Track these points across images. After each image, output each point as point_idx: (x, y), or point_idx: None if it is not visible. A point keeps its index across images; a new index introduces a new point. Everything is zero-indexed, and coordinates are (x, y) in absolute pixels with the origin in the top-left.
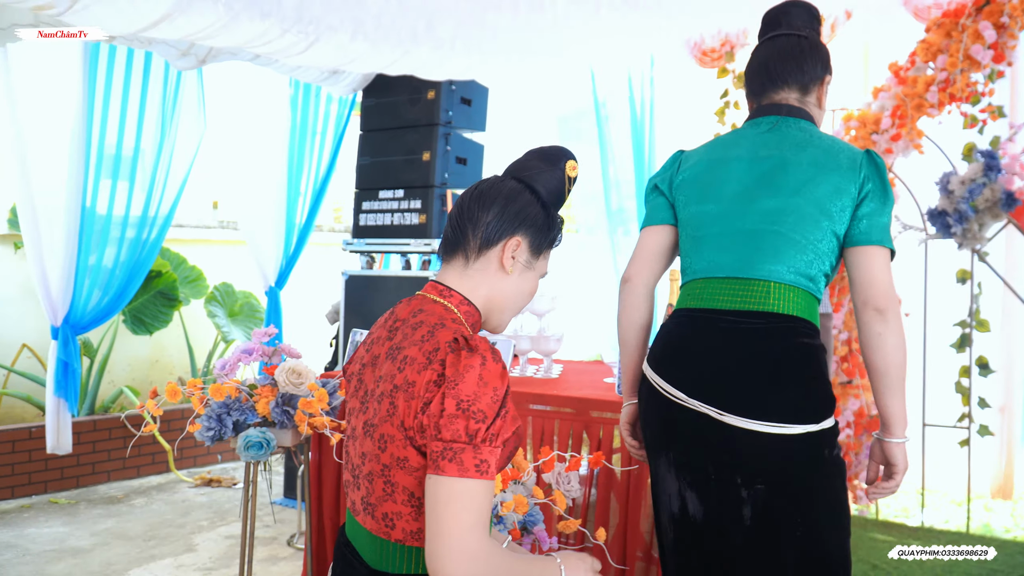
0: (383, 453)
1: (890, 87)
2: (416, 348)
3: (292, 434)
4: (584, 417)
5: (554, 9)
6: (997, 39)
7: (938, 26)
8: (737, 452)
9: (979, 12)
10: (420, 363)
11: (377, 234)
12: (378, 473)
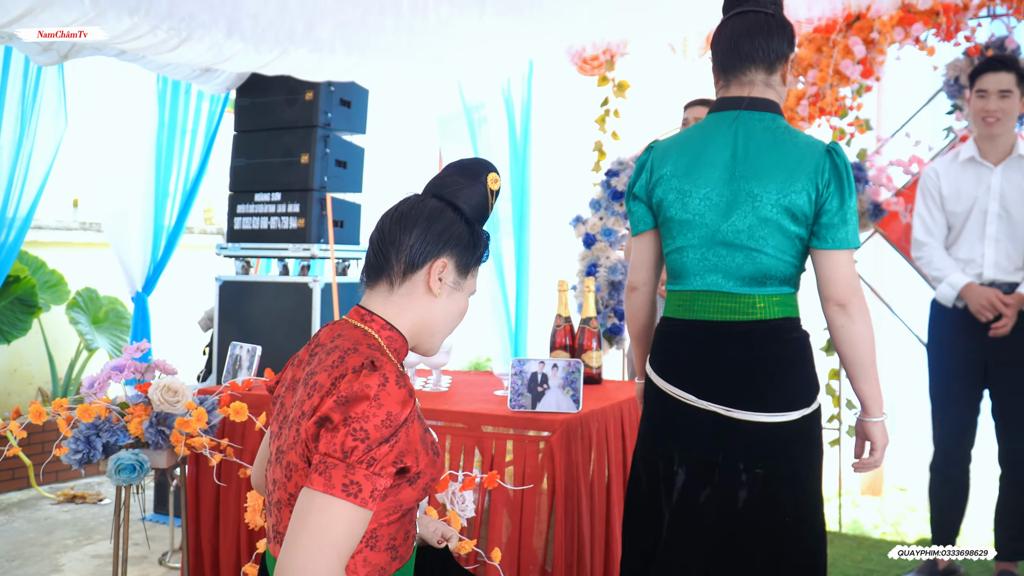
0: (288, 482)
1: None
2: (326, 374)
3: (168, 455)
4: (476, 433)
5: (437, 14)
6: (866, 54)
7: (809, 41)
8: (741, 442)
9: (849, 28)
10: (325, 389)
11: (253, 238)
12: (285, 502)
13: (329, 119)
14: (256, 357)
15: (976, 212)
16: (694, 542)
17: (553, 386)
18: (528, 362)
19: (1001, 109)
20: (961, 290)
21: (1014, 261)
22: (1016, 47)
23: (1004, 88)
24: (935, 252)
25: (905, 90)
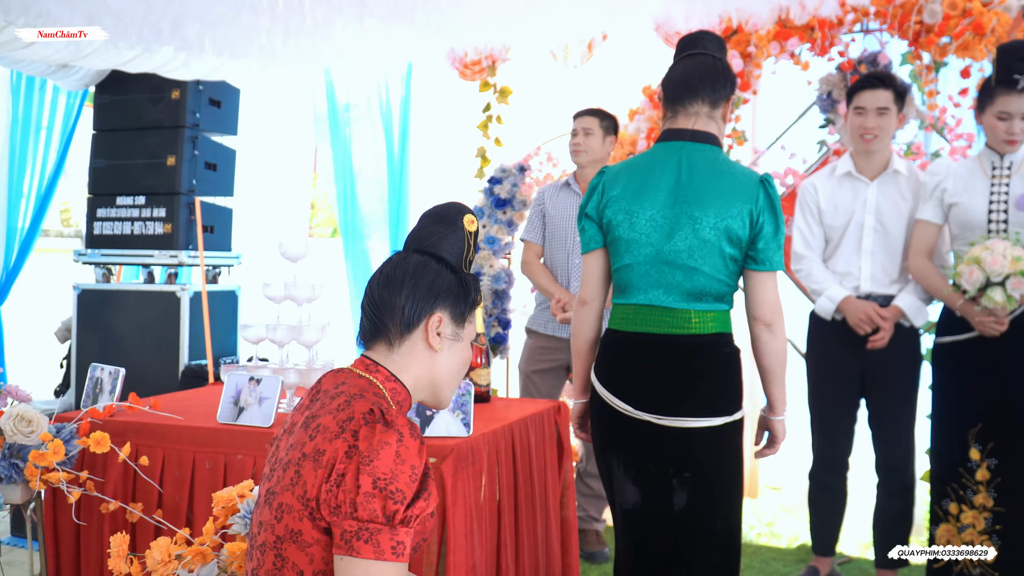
0: (278, 524)
1: (644, 110)
2: (331, 416)
3: (22, 490)
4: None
5: (314, 15)
6: (744, 68)
7: None
8: (671, 447)
9: (727, 41)
10: (332, 431)
11: (115, 244)
12: (271, 545)
13: (198, 119)
14: (119, 380)
15: (853, 226)
16: (636, 543)
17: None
18: None
19: (878, 126)
20: (839, 303)
21: (890, 274)
22: (888, 62)
23: (882, 105)
24: (814, 265)
25: (781, 103)
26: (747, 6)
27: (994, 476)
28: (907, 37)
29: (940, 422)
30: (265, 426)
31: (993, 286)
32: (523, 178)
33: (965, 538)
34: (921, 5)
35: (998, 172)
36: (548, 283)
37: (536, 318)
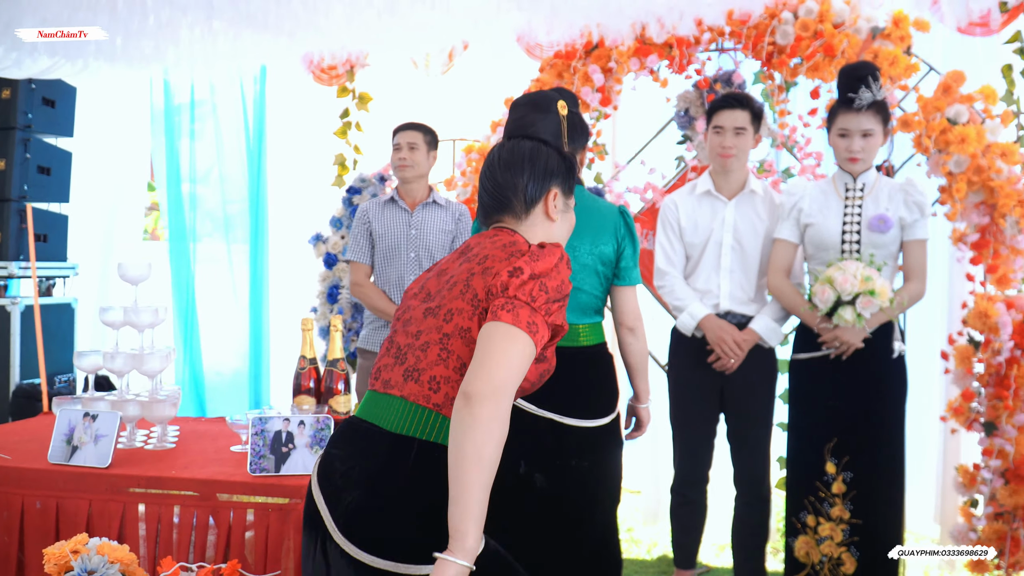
0: (447, 324)
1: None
2: (498, 250)
3: None
4: (211, 502)
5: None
6: (605, 83)
7: (551, 66)
8: (572, 442)
9: (588, 55)
10: (500, 256)
11: None
12: (435, 341)
13: (30, 120)
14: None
15: (712, 244)
16: (538, 524)
17: (300, 445)
18: (271, 420)
19: (735, 145)
20: (700, 321)
21: (747, 292)
22: (743, 81)
23: (739, 125)
24: (676, 282)
25: (640, 119)
26: (608, 22)
27: (850, 489)
28: (760, 57)
29: (796, 436)
30: (101, 467)
31: (844, 305)
32: (384, 188)
33: (824, 550)
34: (774, 27)
35: (851, 194)
36: (385, 305)
37: (368, 337)
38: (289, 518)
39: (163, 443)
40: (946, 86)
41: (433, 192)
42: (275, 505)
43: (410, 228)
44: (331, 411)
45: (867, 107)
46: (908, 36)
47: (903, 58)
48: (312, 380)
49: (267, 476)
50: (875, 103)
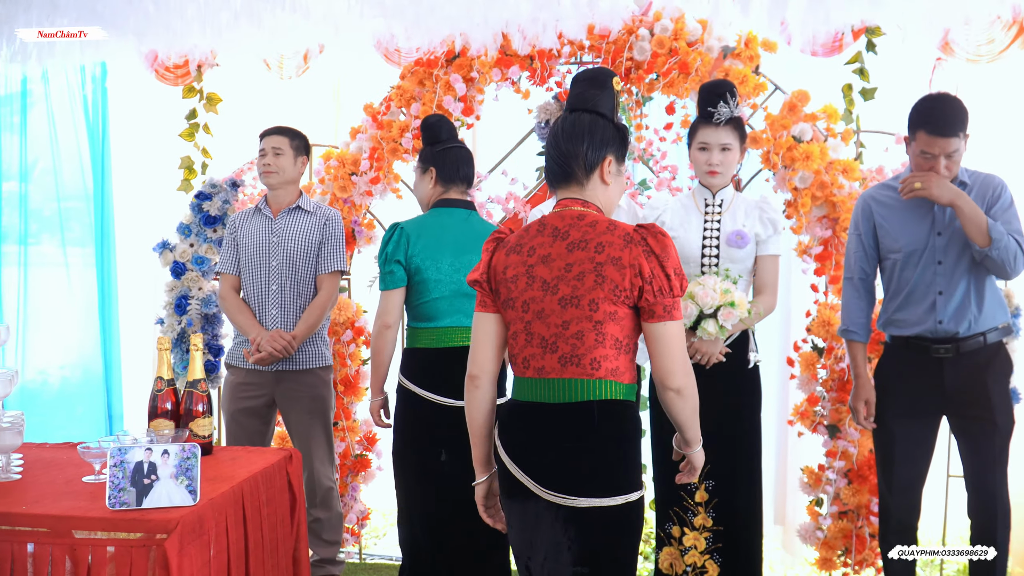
0: (595, 313)
1: (367, 129)
2: (607, 236)
3: None
4: (67, 539)
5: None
6: (467, 92)
7: (412, 73)
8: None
9: (450, 64)
10: (619, 244)
11: None
12: (590, 328)
13: None
14: None
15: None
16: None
17: (164, 476)
18: (131, 449)
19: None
20: None
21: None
22: None
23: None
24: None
25: (502, 129)
26: (472, 32)
27: (712, 496)
28: (618, 72)
29: (660, 449)
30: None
31: (706, 318)
32: (236, 194)
33: (688, 560)
34: (632, 43)
35: (711, 210)
36: (243, 320)
37: (235, 352)
38: (152, 555)
39: (7, 474)
40: (791, 105)
41: (301, 197)
42: (138, 542)
43: (272, 235)
44: (192, 436)
45: (725, 122)
46: (757, 56)
47: (752, 77)
48: (170, 402)
49: (128, 510)
50: (732, 119)
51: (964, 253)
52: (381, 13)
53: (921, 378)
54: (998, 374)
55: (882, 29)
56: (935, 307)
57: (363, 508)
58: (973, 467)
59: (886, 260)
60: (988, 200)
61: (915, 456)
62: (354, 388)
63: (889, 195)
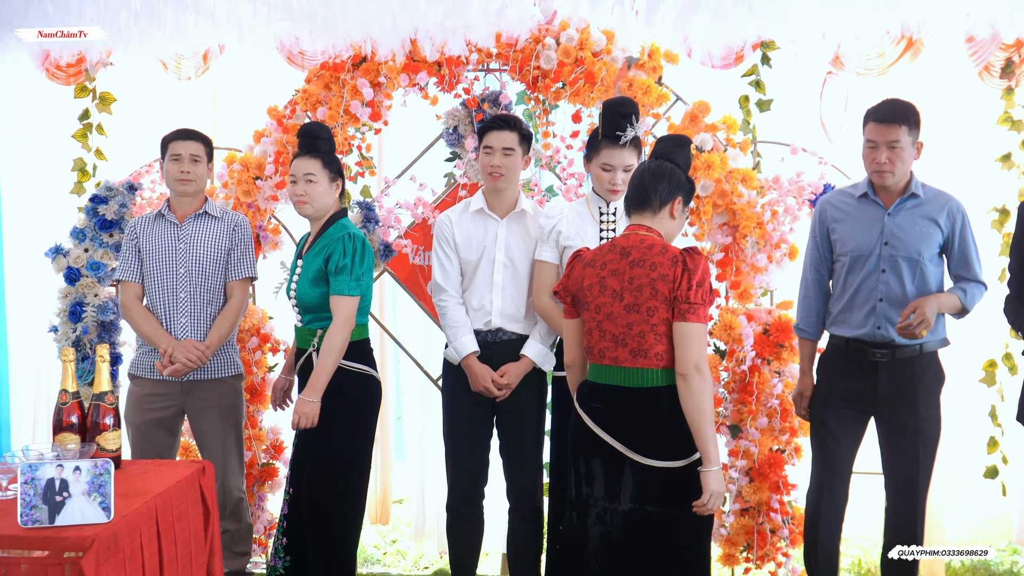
0: (651, 318)
1: (271, 132)
2: (659, 257)
3: None
4: None
5: None
6: (374, 97)
7: (318, 77)
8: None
9: (357, 68)
10: (667, 264)
11: None
12: (648, 330)
13: None
14: None
15: (485, 261)
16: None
17: (76, 493)
18: (42, 466)
19: (504, 165)
20: (462, 360)
21: (519, 310)
22: (510, 101)
23: (507, 146)
24: (450, 303)
25: (411, 134)
26: (380, 36)
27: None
28: (526, 80)
29: (560, 446)
30: None
31: None
32: (133, 198)
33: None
34: (539, 52)
35: (605, 218)
36: (151, 330)
37: (140, 362)
38: (68, 573)
39: None
40: (693, 116)
41: (207, 203)
42: (52, 559)
43: (178, 242)
44: (99, 450)
45: (629, 143)
46: (660, 67)
47: (655, 88)
48: (75, 416)
49: (41, 528)
50: (635, 139)
51: (908, 264)
52: (287, 16)
53: (857, 379)
54: (930, 383)
55: (776, 43)
56: (875, 312)
57: (270, 518)
58: (894, 471)
59: (836, 262)
60: (945, 224)
61: (845, 449)
62: (260, 396)
63: (845, 200)
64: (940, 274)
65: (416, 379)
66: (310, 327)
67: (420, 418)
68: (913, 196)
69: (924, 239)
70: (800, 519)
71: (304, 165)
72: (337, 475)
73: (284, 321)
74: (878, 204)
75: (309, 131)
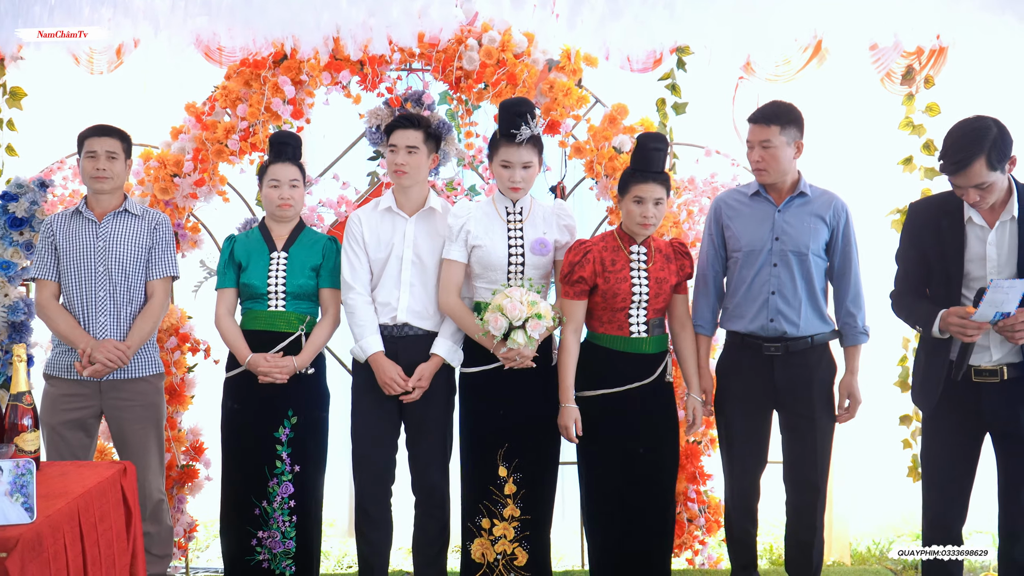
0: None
1: (189, 129)
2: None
3: None
4: None
5: None
6: (296, 95)
7: (237, 74)
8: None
9: (277, 66)
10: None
11: None
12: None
13: None
14: None
15: (393, 259)
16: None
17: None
18: None
19: (408, 163)
20: (369, 358)
21: (426, 307)
22: (432, 101)
23: (411, 144)
24: (358, 302)
25: (334, 133)
26: (301, 34)
27: (519, 488)
28: (449, 81)
29: (470, 446)
30: None
31: (516, 330)
32: (45, 195)
33: (498, 548)
34: (461, 53)
35: (512, 218)
36: (69, 330)
37: (56, 362)
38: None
39: None
40: (611, 117)
41: (127, 200)
42: None
43: (97, 240)
44: (17, 451)
45: (526, 141)
46: (579, 70)
47: (575, 90)
48: None
49: None
50: (532, 137)
51: (798, 259)
52: (206, 11)
53: (755, 374)
54: (823, 375)
55: (691, 49)
56: (767, 305)
57: (190, 520)
58: (793, 461)
59: (730, 259)
60: (831, 220)
61: (751, 444)
62: (180, 397)
63: (738, 198)
64: (824, 267)
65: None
66: (298, 312)
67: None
68: (801, 195)
69: (812, 234)
70: (716, 508)
71: (288, 171)
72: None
73: (203, 320)
74: (769, 201)
75: (285, 139)
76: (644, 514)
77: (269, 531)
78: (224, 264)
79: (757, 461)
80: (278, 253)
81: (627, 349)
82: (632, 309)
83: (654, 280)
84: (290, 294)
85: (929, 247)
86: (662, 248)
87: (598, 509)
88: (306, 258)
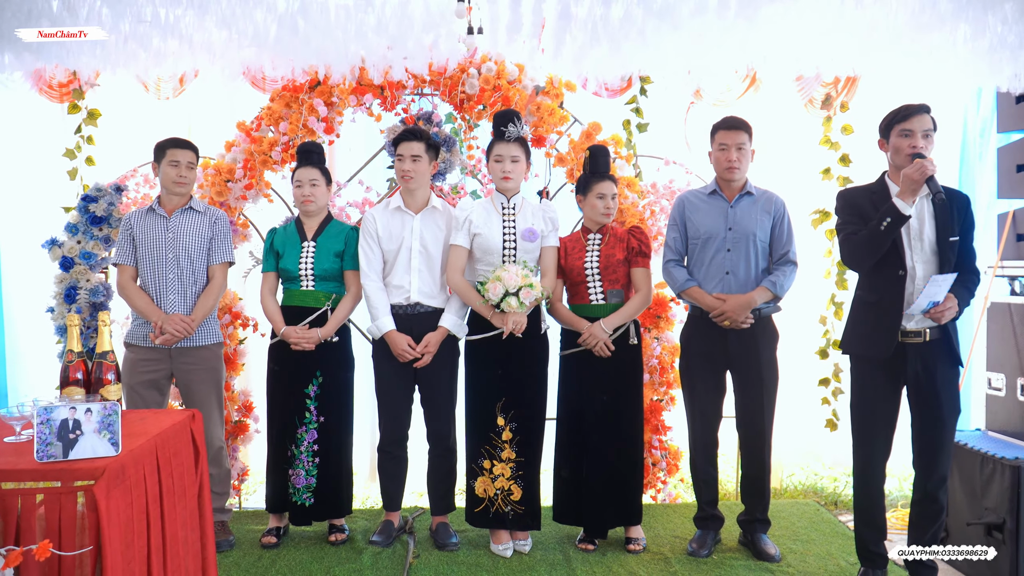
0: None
1: (240, 143)
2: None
3: None
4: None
5: None
6: (328, 114)
7: (279, 97)
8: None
9: (312, 90)
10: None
11: None
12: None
13: None
14: None
15: (404, 249)
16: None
17: (88, 431)
18: (56, 408)
19: (413, 170)
20: (384, 335)
21: (433, 287)
22: (440, 119)
23: (415, 153)
24: (373, 286)
25: (359, 146)
26: (334, 63)
27: (515, 435)
28: (454, 102)
29: (474, 400)
30: None
31: (509, 295)
32: (120, 197)
33: (498, 485)
34: (464, 79)
35: (507, 211)
36: (144, 305)
37: (134, 332)
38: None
39: None
40: (588, 133)
41: (192, 199)
42: (65, 489)
43: (167, 232)
44: (103, 399)
45: (513, 139)
46: (561, 94)
47: (558, 111)
48: (80, 372)
49: (55, 462)
50: (519, 137)
51: (748, 245)
52: (255, 43)
53: (712, 342)
54: (768, 341)
55: (651, 79)
56: (722, 283)
57: (242, 466)
58: (744, 413)
59: (691, 244)
60: (775, 215)
61: (710, 400)
62: (233, 364)
63: (698, 196)
64: (767, 251)
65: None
66: (325, 291)
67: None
68: (749, 194)
69: (758, 225)
70: (675, 454)
71: (309, 173)
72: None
73: (252, 301)
74: (723, 199)
75: (309, 148)
76: (604, 452)
77: (295, 470)
78: (266, 252)
79: (715, 414)
80: (308, 243)
81: (588, 315)
82: (590, 282)
83: (604, 256)
84: (318, 276)
85: (867, 214)
86: (618, 233)
87: (569, 440)
88: (331, 246)
